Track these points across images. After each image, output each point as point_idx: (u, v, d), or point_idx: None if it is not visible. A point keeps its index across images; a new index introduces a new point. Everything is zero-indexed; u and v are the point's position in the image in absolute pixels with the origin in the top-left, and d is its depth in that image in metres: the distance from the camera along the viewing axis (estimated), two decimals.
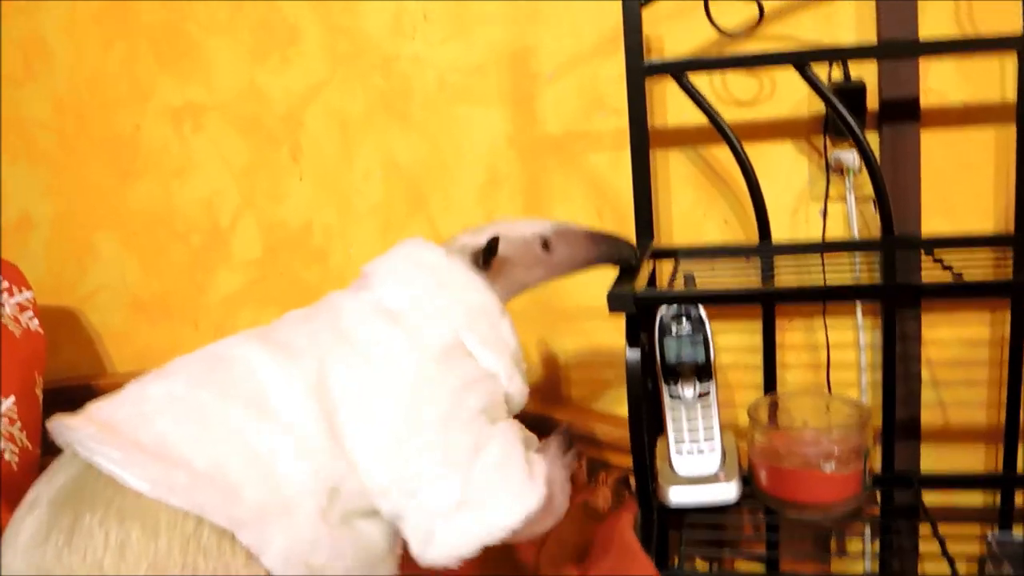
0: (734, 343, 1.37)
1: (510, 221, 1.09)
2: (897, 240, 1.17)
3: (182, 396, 0.83)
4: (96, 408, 0.83)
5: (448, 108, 1.43)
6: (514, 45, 1.38)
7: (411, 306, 0.95)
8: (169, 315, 1.63)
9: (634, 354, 0.98)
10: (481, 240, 1.02)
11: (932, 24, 1.24)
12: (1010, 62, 1.19)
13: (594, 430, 1.33)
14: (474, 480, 0.88)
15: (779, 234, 1.30)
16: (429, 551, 0.88)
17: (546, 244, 1.06)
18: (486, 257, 1.01)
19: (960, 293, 1.12)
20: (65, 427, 0.79)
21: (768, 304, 1.25)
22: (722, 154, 1.28)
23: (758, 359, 1.28)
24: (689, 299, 1.08)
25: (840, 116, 1.12)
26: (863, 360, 1.31)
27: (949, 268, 1.01)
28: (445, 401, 0.90)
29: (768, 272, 1.16)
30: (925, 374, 1.32)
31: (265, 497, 0.79)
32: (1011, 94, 1.17)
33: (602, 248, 1.08)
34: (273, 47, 1.49)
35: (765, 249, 1.21)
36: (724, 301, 1.21)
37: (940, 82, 1.26)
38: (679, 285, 1.10)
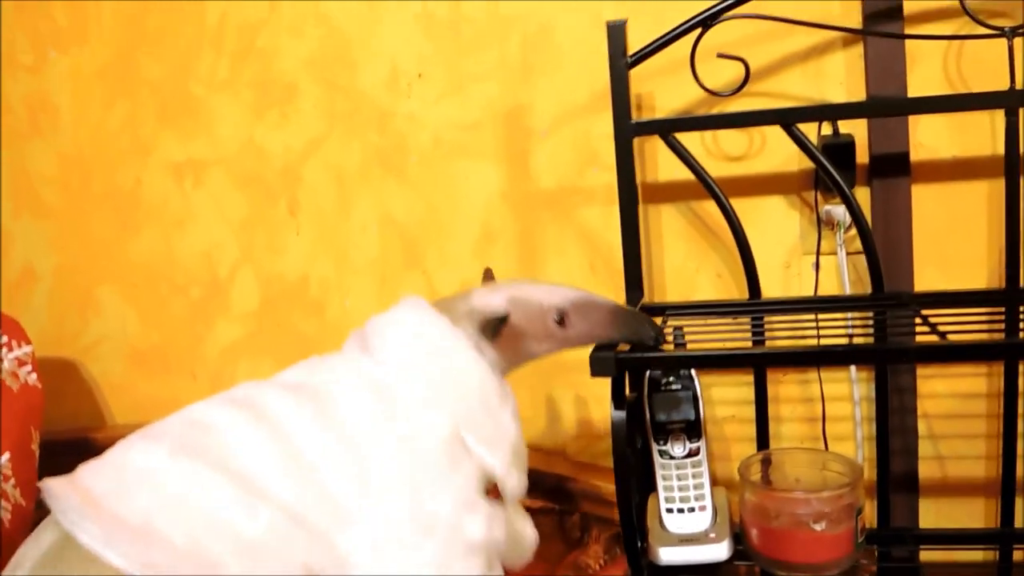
0: (729, 396, 1.37)
1: (528, 285, 1.05)
2: (885, 297, 1.17)
3: (163, 467, 0.83)
4: (82, 473, 0.84)
5: (443, 164, 1.45)
6: (508, 102, 1.40)
7: (408, 391, 0.93)
8: (168, 367, 1.64)
9: (619, 415, 0.98)
10: (493, 305, 1.00)
11: (922, 78, 1.24)
12: (1000, 116, 1.19)
13: (596, 485, 1.33)
14: None
15: (772, 288, 1.30)
16: None
17: (562, 319, 1.01)
18: (495, 329, 0.99)
19: (950, 357, 1.12)
20: (50, 495, 0.80)
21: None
22: (714, 209, 1.28)
23: (753, 412, 1.28)
24: (673, 363, 1.08)
25: (827, 173, 1.13)
26: (858, 413, 1.31)
27: (933, 327, 1.00)
28: (445, 517, 0.90)
29: (759, 329, 1.16)
30: (922, 427, 1.31)
31: (245, 574, 0.79)
32: (1002, 148, 1.18)
33: (622, 329, 1.00)
34: (272, 104, 1.51)
35: (755, 306, 1.21)
36: (708, 364, 1.20)
37: (930, 136, 1.26)
38: (668, 342, 1.10)
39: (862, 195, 1.27)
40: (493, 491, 0.98)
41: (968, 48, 1.23)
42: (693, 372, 1.12)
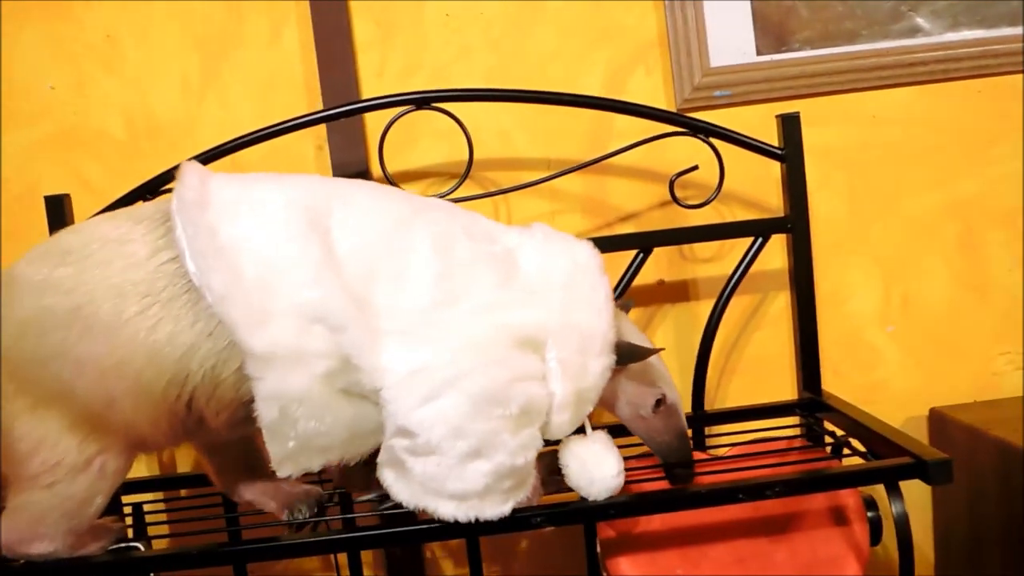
0: None
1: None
2: None
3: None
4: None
5: None
6: None
7: (535, 290, 0.94)
8: None
9: None
10: (647, 342, 1.01)
11: None
12: None
13: None
14: (464, 476, 0.87)
15: None
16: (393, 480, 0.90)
17: (658, 405, 1.02)
18: (632, 356, 0.98)
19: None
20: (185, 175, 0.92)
21: None
22: None
23: None
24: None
25: None
26: None
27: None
28: (495, 380, 0.88)
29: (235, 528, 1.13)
30: None
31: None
32: None
33: (680, 450, 1.05)
34: None
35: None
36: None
37: None
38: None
39: None
40: None
41: None
42: None
